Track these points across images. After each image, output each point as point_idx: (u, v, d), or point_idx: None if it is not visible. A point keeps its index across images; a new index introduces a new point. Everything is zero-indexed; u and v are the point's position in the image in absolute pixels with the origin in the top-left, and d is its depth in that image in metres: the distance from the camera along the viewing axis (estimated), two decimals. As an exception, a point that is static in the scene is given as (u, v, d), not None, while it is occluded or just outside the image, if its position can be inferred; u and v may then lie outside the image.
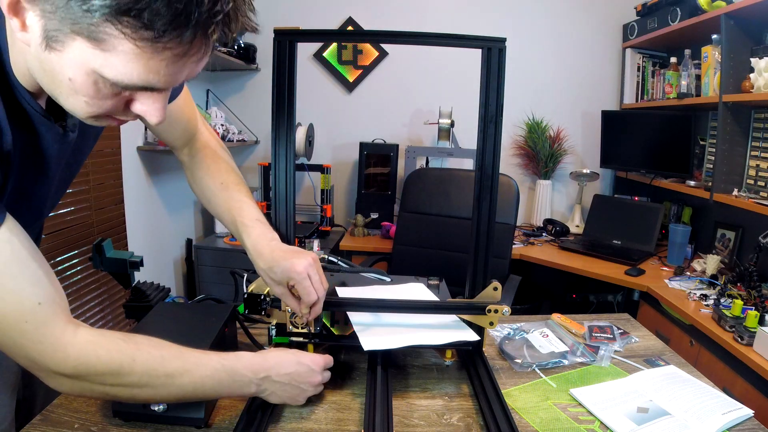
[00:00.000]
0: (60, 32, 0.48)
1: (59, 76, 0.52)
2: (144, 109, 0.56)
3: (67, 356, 0.60)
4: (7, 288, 0.56)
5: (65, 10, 0.46)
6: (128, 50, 0.48)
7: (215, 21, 0.49)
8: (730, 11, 1.88)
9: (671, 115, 2.40)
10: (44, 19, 0.47)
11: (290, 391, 0.79)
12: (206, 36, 0.50)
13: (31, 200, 0.72)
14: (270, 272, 0.81)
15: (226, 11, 0.49)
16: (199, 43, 0.50)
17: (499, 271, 1.97)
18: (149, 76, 0.51)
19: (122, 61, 0.49)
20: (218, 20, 0.49)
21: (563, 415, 0.85)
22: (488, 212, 0.92)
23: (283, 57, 0.90)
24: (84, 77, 0.51)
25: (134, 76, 0.50)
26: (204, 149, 0.95)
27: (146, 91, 0.54)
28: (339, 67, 2.89)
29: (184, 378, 0.67)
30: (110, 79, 0.50)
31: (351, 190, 3.01)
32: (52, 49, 0.49)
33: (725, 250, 2.18)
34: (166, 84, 0.53)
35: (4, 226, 0.56)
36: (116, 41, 0.47)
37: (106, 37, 0.47)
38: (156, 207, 2.48)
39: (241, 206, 0.87)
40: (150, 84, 0.52)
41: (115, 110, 0.56)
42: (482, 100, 0.89)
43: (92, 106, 0.54)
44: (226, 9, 0.49)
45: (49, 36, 0.48)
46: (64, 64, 0.50)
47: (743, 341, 1.43)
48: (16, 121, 0.59)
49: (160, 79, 0.52)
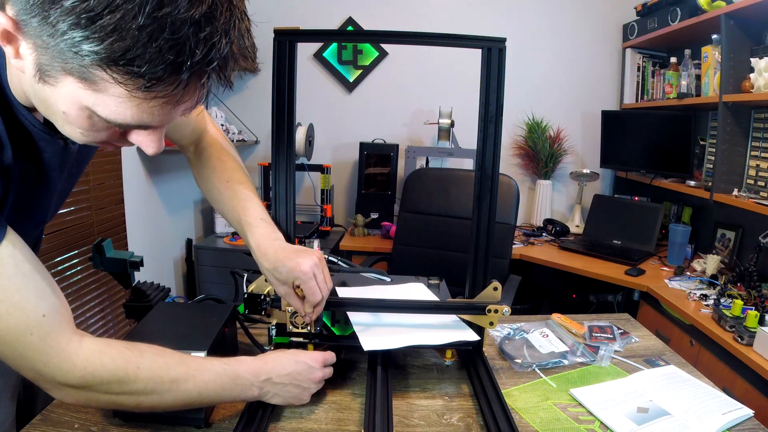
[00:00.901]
0: (52, 68, 0.47)
1: (53, 107, 0.51)
2: (140, 140, 0.56)
3: (74, 366, 0.60)
4: (12, 301, 0.56)
5: (55, 50, 0.45)
6: (120, 93, 0.47)
7: (209, 69, 0.48)
8: (730, 11, 1.88)
9: (671, 115, 2.40)
10: (36, 52, 0.47)
11: (292, 390, 0.79)
12: (200, 83, 0.49)
13: (33, 212, 0.72)
14: (275, 272, 0.81)
15: (221, 57, 0.48)
16: (193, 89, 0.50)
17: (499, 271, 1.97)
18: (142, 116, 0.50)
19: (114, 103, 0.48)
20: (212, 68, 0.48)
21: (563, 415, 0.85)
22: (488, 212, 0.92)
23: (283, 57, 0.90)
24: (78, 112, 0.50)
25: (127, 116, 0.50)
26: (210, 147, 0.94)
27: (141, 128, 0.54)
28: (339, 67, 2.90)
29: (188, 383, 0.68)
30: (103, 117, 0.50)
31: (351, 190, 3.01)
32: (45, 82, 0.49)
33: (725, 250, 2.18)
34: (160, 123, 0.53)
35: (6, 240, 0.56)
36: (108, 84, 0.46)
37: (97, 79, 0.46)
38: (156, 207, 2.48)
39: (246, 205, 0.87)
40: (144, 123, 0.51)
41: (110, 139, 0.56)
42: (482, 100, 0.88)
43: (87, 137, 0.54)
44: (222, 54, 0.48)
45: (42, 69, 0.48)
46: (58, 97, 0.49)
47: (743, 341, 1.43)
48: (15, 136, 0.59)
49: (154, 119, 0.51)
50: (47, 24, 0.43)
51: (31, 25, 0.45)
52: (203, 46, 0.45)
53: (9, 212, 0.63)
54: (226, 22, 0.47)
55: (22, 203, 0.66)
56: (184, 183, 2.67)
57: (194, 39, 0.45)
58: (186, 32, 0.44)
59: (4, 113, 0.57)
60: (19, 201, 0.64)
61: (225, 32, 0.47)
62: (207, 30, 0.45)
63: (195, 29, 0.45)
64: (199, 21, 0.45)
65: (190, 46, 0.45)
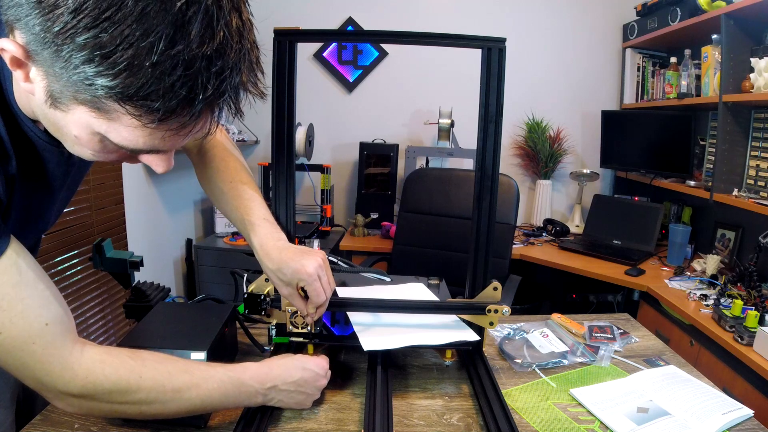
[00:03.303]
0: (63, 96, 0.47)
1: (64, 130, 0.52)
2: (150, 160, 0.57)
3: (75, 376, 0.60)
4: (15, 311, 0.56)
5: (68, 80, 0.45)
6: (133, 124, 0.48)
7: (221, 101, 0.49)
8: (730, 11, 1.88)
9: (671, 115, 2.40)
10: (47, 80, 0.47)
11: (297, 397, 0.79)
12: (212, 112, 0.50)
13: (36, 221, 0.72)
14: (278, 273, 0.81)
15: (232, 88, 0.48)
16: (204, 119, 0.51)
17: (499, 271, 1.97)
18: (154, 143, 0.51)
19: (127, 130, 0.49)
20: (224, 99, 0.49)
21: (563, 415, 0.85)
22: (488, 212, 0.92)
23: (283, 57, 0.90)
24: (89, 137, 0.51)
25: (139, 143, 0.50)
26: (214, 148, 0.94)
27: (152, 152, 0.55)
28: (339, 67, 2.89)
29: (191, 392, 0.67)
30: (116, 143, 0.51)
31: (351, 190, 3.01)
32: (56, 108, 0.49)
33: (725, 250, 2.18)
34: (171, 147, 0.54)
35: (10, 249, 0.56)
36: (120, 115, 0.47)
37: (110, 109, 0.47)
38: (156, 207, 2.48)
39: (249, 204, 0.87)
40: (155, 148, 0.52)
41: (120, 159, 0.57)
42: (482, 100, 0.89)
43: (98, 157, 0.55)
44: (233, 86, 0.48)
45: (54, 96, 0.48)
46: (69, 122, 0.50)
47: (743, 341, 1.43)
48: (19, 147, 0.59)
49: (165, 145, 0.52)
50: (59, 57, 0.44)
51: (42, 55, 0.45)
52: (215, 80, 0.46)
53: (12, 221, 0.63)
54: (236, 55, 0.47)
55: (25, 213, 0.66)
56: (184, 183, 2.66)
57: (206, 74, 0.45)
58: (198, 67, 0.45)
59: (9, 124, 0.58)
60: (22, 210, 0.65)
61: (236, 65, 0.48)
62: (218, 64, 0.46)
63: (207, 64, 0.45)
64: (210, 56, 0.45)
65: (202, 80, 0.45)
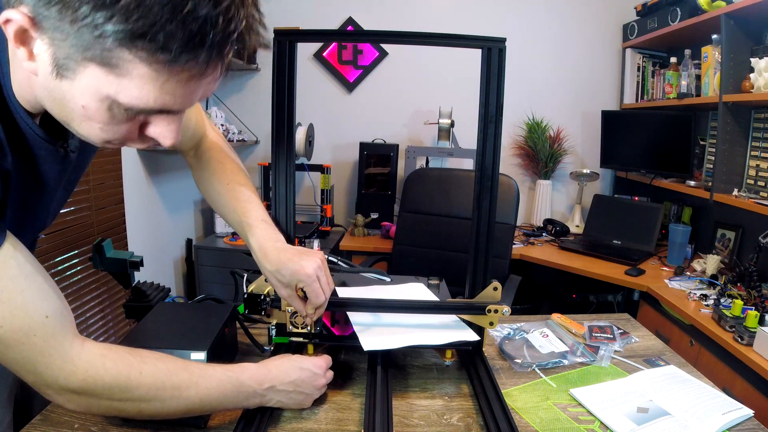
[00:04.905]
0: (71, 60, 0.47)
1: (71, 104, 0.51)
2: (158, 131, 0.56)
3: (76, 369, 0.60)
4: (15, 303, 0.56)
5: (76, 37, 0.45)
6: (143, 74, 0.48)
7: (230, 41, 0.49)
8: (730, 11, 1.88)
9: (671, 115, 2.40)
10: (53, 47, 0.47)
11: (295, 397, 0.79)
12: (221, 56, 0.50)
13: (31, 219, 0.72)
14: (277, 274, 0.81)
15: (239, 30, 0.49)
16: (214, 64, 0.51)
17: (499, 271, 1.97)
18: (165, 98, 0.50)
19: (137, 86, 0.49)
20: (233, 40, 0.49)
21: (563, 415, 0.85)
22: (488, 212, 0.92)
23: (283, 57, 0.90)
24: (97, 104, 0.50)
25: (150, 100, 0.50)
26: (211, 150, 0.95)
27: (161, 114, 0.54)
28: (339, 67, 2.89)
29: (191, 390, 0.67)
30: (125, 104, 0.50)
31: (351, 190, 3.01)
32: (62, 77, 0.49)
33: (725, 250, 2.18)
34: (181, 106, 0.53)
35: (7, 243, 0.56)
36: (131, 66, 0.47)
37: (119, 62, 0.47)
38: (156, 207, 2.48)
39: (247, 206, 0.87)
40: (166, 107, 0.52)
41: (129, 135, 0.56)
42: (482, 100, 0.89)
43: (106, 132, 0.54)
44: (240, 28, 0.49)
45: (60, 64, 0.48)
46: (76, 91, 0.50)
47: (743, 341, 1.43)
48: (14, 143, 0.59)
49: (176, 101, 0.52)
50: (68, 9, 0.44)
51: (49, 16, 0.45)
52: (223, 17, 0.47)
53: (8, 219, 0.63)
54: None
55: (21, 210, 0.66)
56: (184, 183, 2.66)
57: (215, 11, 0.46)
58: (206, 4, 0.45)
59: (5, 120, 0.57)
60: (17, 208, 0.65)
61: (242, 2, 0.49)
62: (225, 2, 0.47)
63: (215, 2, 0.46)
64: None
65: (211, 18, 0.46)
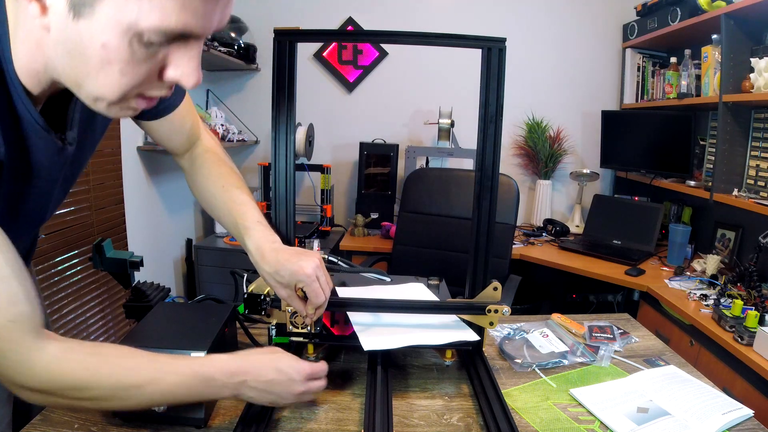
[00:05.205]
0: None
1: (89, 49, 0.51)
2: (179, 72, 0.55)
3: (33, 373, 0.60)
4: None
5: None
6: None
7: None
8: (730, 11, 1.88)
9: (671, 115, 2.40)
10: None
11: (267, 397, 0.74)
12: None
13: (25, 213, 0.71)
14: (276, 275, 0.81)
15: None
16: None
17: (499, 271, 1.97)
18: (187, 16, 0.50)
19: (158, 5, 0.48)
20: None
21: (563, 415, 0.85)
22: (488, 212, 0.92)
23: (283, 57, 0.90)
24: (118, 39, 0.50)
25: (172, 20, 0.50)
26: (206, 153, 0.94)
27: (181, 45, 0.54)
28: (339, 67, 2.89)
29: (151, 387, 0.66)
30: (148, 28, 0.50)
31: (351, 190, 3.01)
32: (80, 16, 0.49)
33: (725, 250, 2.18)
34: (202, 28, 0.53)
35: None
36: None
37: None
38: (156, 207, 2.48)
39: (242, 208, 0.87)
40: (188, 27, 0.51)
41: (148, 79, 0.55)
42: (482, 100, 0.89)
43: (126, 75, 0.53)
44: None
45: (76, 2, 0.48)
46: (95, 30, 0.49)
47: (743, 341, 1.43)
48: (8, 131, 0.58)
49: (197, 21, 0.51)
50: None
51: None
52: None
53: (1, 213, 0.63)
54: None
55: (13, 203, 0.65)
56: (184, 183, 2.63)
57: None
58: None
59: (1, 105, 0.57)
60: (9, 201, 0.64)
61: None
62: None
63: None
64: None
65: None
